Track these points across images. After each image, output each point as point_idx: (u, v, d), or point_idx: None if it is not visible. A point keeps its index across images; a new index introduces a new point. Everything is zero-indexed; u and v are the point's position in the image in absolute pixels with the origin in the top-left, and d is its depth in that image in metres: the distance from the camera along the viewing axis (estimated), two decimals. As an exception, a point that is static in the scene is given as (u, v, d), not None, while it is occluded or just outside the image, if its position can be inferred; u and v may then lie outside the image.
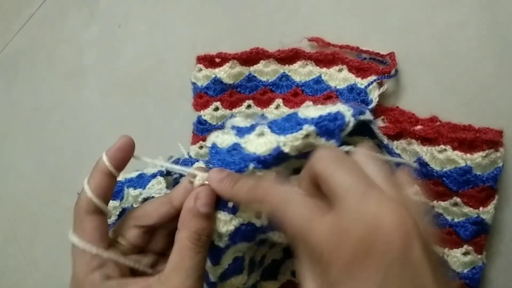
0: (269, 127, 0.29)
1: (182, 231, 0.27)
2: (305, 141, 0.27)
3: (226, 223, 0.28)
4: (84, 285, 0.26)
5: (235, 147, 0.28)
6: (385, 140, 0.31)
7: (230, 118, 0.32)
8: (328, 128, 0.27)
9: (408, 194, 0.23)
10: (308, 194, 0.24)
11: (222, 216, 0.28)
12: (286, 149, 0.27)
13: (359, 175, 0.22)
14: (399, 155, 0.36)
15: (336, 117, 0.27)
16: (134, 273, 0.29)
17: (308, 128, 0.27)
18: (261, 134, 0.28)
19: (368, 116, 0.29)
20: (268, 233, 0.29)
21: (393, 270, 0.18)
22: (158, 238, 0.31)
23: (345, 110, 0.28)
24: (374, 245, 0.19)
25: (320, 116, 0.28)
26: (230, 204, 0.28)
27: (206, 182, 0.28)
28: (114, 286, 0.26)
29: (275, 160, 0.28)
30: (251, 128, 0.29)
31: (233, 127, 0.30)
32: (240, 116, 0.32)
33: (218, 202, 0.28)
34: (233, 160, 0.28)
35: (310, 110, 0.29)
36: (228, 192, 0.27)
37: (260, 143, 0.28)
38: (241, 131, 0.29)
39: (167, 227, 0.30)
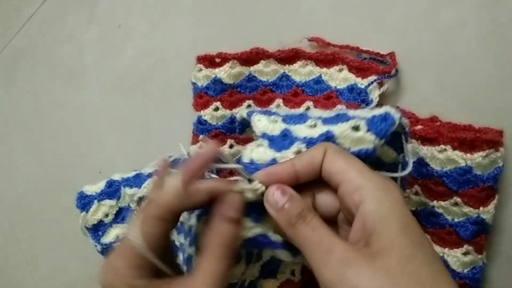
0: (307, 145, 0.28)
1: (213, 236, 0.26)
2: (354, 134, 0.27)
3: (246, 229, 0.28)
4: (114, 279, 0.24)
5: (273, 163, 0.28)
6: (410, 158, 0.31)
7: (254, 116, 0.31)
8: (378, 125, 0.27)
9: None
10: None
11: (245, 222, 0.28)
12: None
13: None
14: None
15: (386, 117, 0.27)
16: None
17: (357, 121, 0.27)
18: (299, 152, 0.28)
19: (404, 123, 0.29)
20: (277, 249, 0.29)
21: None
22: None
23: (394, 112, 0.28)
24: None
25: (373, 116, 0.27)
26: (255, 214, 0.28)
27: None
28: (141, 286, 0.24)
29: None
30: (284, 139, 0.29)
31: (263, 136, 0.30)
32: (263, 117, 0.31)
33: (246, 208, 0.28)
34: None
35: (344, 132, 0.28)
36: (286, 228, 0.25)
37: None
38: (274, 143, 0.29)
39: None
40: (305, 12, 0.43)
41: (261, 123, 0.30)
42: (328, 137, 0.28)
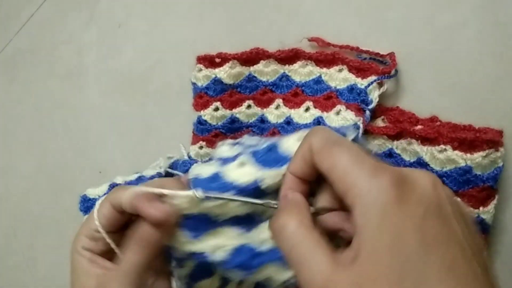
0: (252, 157, 0.29)
1: (135, 233, 0.28)
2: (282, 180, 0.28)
3: (182, 243, 0.28)
4: (74, 243, 0.30)
5: (215, 176, 0.29)
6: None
7: (220, 147, 0.33)
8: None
9: None
10: (300, 201, 0.25)
11: (182, 235, 0.28)
12: (263, 186, 0.28)
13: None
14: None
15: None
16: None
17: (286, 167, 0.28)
18: (242, 164, 0.29)
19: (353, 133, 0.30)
20: (226, 270, 0.29)
21: (430, 211, 0.21)
22: None
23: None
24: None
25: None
26: (196, 230, 0.28)
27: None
28: (86, 256, 0.29)
29: (253, 191, 0.28)
30: (235, 158, 0.30)
31: (219, 159, 0.31)
32: (227, 145, 0.33)
33: (185, 220, 0.28)
34: (213, 187, 0.28)
35: (290, 143, 0.29)
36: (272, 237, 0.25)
37: (240, 173, 0.29)
38: (225, 162, 0.30)
39: None
40: (305, 12, 0.43)
41: (221, 149, 0.32)
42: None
